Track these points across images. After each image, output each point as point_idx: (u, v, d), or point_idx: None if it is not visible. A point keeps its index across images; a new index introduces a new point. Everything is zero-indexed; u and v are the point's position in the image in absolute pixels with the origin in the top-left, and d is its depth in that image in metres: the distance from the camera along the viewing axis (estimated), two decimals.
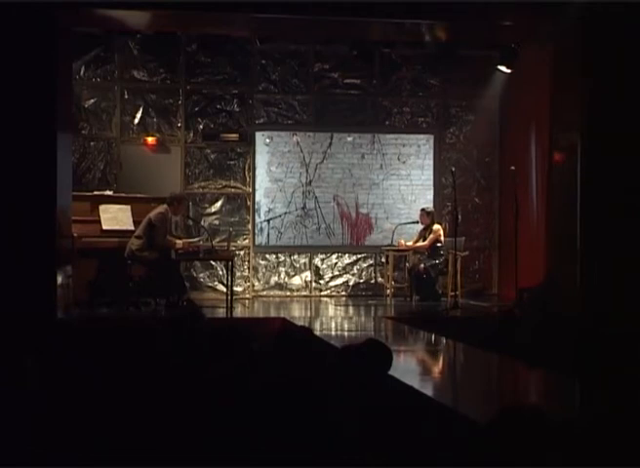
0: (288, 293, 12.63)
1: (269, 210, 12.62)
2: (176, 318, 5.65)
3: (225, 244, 11.40)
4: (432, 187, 12.91)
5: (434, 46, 11.94)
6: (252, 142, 12.51)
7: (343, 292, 12.74)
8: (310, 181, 12.70)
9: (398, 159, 12.87)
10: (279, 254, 12.68)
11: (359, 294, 12.63)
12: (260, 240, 12.60)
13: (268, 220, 12.58)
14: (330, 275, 12.79)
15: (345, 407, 3.94)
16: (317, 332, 8.08)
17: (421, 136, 12.94)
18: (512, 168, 11.09)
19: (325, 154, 12.73)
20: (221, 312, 10.68)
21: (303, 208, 12.69)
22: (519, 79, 11.95)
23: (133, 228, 10.76)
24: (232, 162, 12.51)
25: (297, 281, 12.70)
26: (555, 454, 2.83)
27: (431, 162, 12.92)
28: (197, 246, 10.88)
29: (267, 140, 12.61)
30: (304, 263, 12.73)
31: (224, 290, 11.46)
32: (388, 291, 12.01)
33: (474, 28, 11.15)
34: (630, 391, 5.58)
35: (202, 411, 3.96)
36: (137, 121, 12.26)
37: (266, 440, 3.70)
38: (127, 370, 4.73)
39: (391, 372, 4.73)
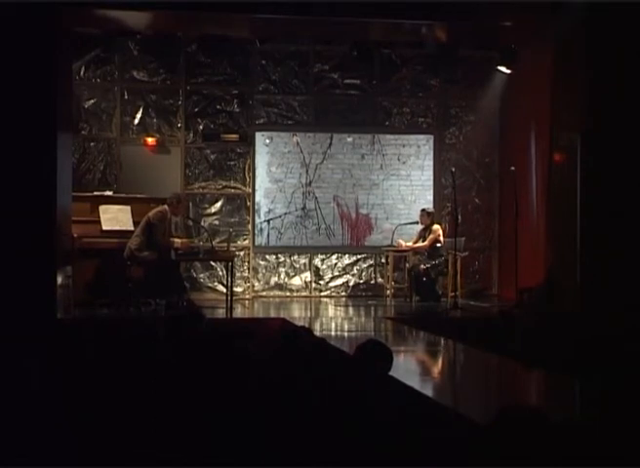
0: (288, 294, 12.62)
1: (269, 210, 12.61)
2: (176, 318, 5.64)
3: (225, 244, 11.40)
4: (432, 188, 12.90)
5: (434, 46, 11.94)
6: (252, 143, 12.51)
7: (343, 293, 12.74)
8: (310, 182, 12.70)
9: (398, 159, 12.87)
10: (279, 255, 12.67)
11: (359, 295, 12.62)
12: (260, 240, 12.59)
13: (268, 221, 12.57)
14: (330, 275, 12.78)
15: (346, 407, 3.93)
16: (317, 333, 8.08)
17: (421, 136, 12.94)
18: (512, 168, 11.10)
19: (325, 155, 12.73)
20: (221, 312, 10.68)
21: (303, 208, 12.69)
22: (519, 79, 11.95)
23: (133, 229, 10.76)
24: (232, 162, 12.50)
25: (297, 281, 12.70)
26: (555, 454, 2.84)
27: (431, 162, 12.92)
28: (197, 246, 10.89)
29: (267, 141, 12.61)
30: (304, 264, 12.72)
31: (224, 290, 11.45)
32: (388, 291, 12.01)
33: (474, 29, 11.16)
34: (630, 391, 5.58)
35: (201, 412, 3.96)
36: (137, 121, 12.26)
37: (265, 440, 3.70)
38: (127, 370, 4.73)
39: (392, 373, 4.73)
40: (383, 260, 12.52)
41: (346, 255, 12.82)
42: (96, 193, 11.53)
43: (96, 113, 12.16)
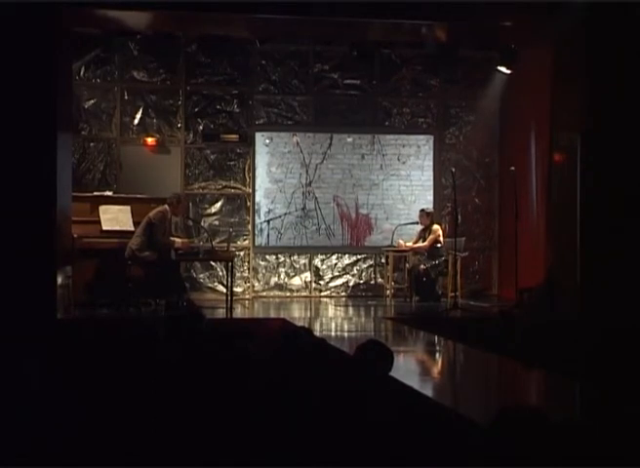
0: (288, 294, 12.62)
1: (269, 210, 12.61)
2: (176, 318, 5.64)
3: (225, 244, 11.40)
4: (432, 188, 12.90)
5: (434, 46, 11.94)
6: (252, 143, 12.51)
7: (343, 293, 12.73)
8: (310, 182, 12.70)
9: (398, 159, 12.87)
10: (279, 255, 12.67)
11: (359, 295, 12.62)
12: (260, 241, 12.59)
13: (268, 221, 12.57)
14: (330, 276, 12.78)
15: (346, 407, 3.93)
16: (317, 333, 8.08)
17: (421, 136, 12.93)
18: (512, 168, 11.10)
19: (325, 155, 12.73)
20: (221, 313, 10.68)
21: (303, 208, 12.69)
22: (519, 80, 11.95)
23: (133, 229, 10.77)
24: (232, 162, 12.50)
25: (296, 281, 12.69)
26: (555, 454, 2.84)
27: (431, 162, 12.92)
28: (197, 246, 10.90)
29: (267, 141, 12.60)
30: (304, 264, 12.72)
31: (224, 290, 11.45)
32: (388, 291, 12.01)
33: (474, 29, 11.16)
34: (630, 391, 5.58)
35: (201, 412, 3.96)
36: (136, 122, 12.26)
37: (265, 440, 3.70)
38: (127, 370, 4.73)
39: (392, 373, 4.73)
40: (383, 261, 12.52)
41: (346, 256, 12.82)
42: (96, 193, 11.54)
43: (96, 113, 12.16)
